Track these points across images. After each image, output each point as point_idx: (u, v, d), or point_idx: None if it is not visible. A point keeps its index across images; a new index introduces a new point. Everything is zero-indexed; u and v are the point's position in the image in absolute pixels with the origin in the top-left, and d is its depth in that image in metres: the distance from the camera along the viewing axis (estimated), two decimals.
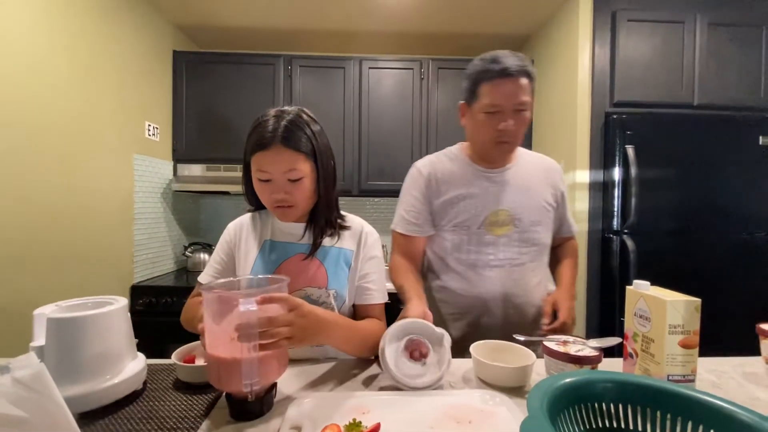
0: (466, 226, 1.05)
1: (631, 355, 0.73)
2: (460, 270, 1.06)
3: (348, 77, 2.31)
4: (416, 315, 0.83)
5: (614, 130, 1.79)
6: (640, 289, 0.72)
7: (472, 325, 1.05)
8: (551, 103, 2.18)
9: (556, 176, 1.13)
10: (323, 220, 0.90)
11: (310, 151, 0.82)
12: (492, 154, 1.05)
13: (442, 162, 1.11)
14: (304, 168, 0.81)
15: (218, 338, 0.60)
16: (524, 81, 0.93)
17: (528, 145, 2.32)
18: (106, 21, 1.75)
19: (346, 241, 0.93)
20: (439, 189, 1.08)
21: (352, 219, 0.97)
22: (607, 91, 1.87)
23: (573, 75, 1.93)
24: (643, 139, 1.76)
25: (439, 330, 0.77)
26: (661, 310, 0.66)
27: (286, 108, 0.83)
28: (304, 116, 0.84)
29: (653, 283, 0.74)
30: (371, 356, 0.88)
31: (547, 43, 2.25)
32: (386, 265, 1.03)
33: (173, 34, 2.33)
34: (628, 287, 0.75)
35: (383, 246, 2.27)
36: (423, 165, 1.12)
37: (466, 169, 1.08)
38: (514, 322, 1.04)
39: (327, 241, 0.91)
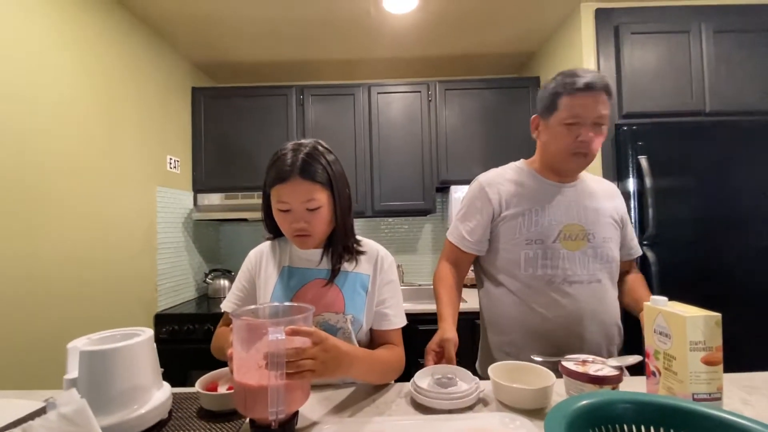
0: (540, 240, 1.02)
1: (654, 374, 0.72)
2: (535, 286, 1.02)
3: (358, 103, 2.38)
4: (449, 337, 0.94)
5: (626, 142, 1.78)
6: (657, 305, 0.71)
7: (552, 343, 1.00)
8: None
9: (618, 198, 1.13)
10: (341, 246, 0.92)
11: (326, 180, 0.85)
12: (566, 165, 1.04)
13: (509, 175, 1.11)
14: (322, 197, 0.84)
15: (245, 365, 0.62)
16: (604, 96, 0.96)
17: None
18: (127, 63, 1.87)
19: (362, 266, 0.95)
20: (508, 202, 1.06)
21: (367, 243, 0.99)
22: (616, 103, 1.87)
23: None
24: (655, 148, 1.74)
25: (474, 377, 0.81)
26: (681, 326, 0.65)
27: (302, 141, 0.88)
28: (320, 147, 0.88)
29: (677, 295, 0.73)
30: (391, 381, 0.89)
31: (552, 60, 2.28)
32: (402, 285, 1.04)
33: (191, 70, 2.46)
34: (645, 303, 0.74)
35: (399, 266, 2.28)
36: (487, 180, 1.11)
37: (535, 182, 1.08)
38: (593, 341, 1.01)
39: (344, 266, 0.93)
